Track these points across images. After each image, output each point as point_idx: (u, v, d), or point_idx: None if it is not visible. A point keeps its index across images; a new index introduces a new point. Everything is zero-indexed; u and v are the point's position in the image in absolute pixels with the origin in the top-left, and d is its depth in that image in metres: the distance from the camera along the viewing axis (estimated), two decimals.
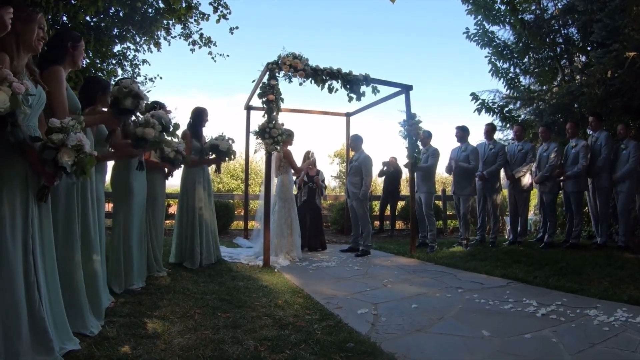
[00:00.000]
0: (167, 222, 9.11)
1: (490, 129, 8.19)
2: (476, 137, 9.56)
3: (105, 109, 3.92)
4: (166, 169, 5.33)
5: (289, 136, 7.27)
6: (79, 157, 2.54)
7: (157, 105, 4.82)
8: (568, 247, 7.32)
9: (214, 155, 6.10)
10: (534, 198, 9.39)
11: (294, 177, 7.73)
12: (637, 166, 6.97)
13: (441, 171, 9.59)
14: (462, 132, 7.99)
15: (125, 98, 3.39)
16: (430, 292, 4.71)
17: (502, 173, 8.21)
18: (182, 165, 5.58)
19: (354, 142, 7.87)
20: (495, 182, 8.04)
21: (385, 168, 10.64)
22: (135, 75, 9.19)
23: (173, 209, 11.09)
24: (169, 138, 4.50)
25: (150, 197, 5.05)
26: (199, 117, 6.16)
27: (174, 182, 5.89)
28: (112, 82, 8.47)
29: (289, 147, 7.31)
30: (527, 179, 7.91)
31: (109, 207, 10.96)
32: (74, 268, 3.11)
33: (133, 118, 3.90)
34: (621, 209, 7.06)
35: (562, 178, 7.59)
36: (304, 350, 2.91)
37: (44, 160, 2.48)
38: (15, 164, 2.47)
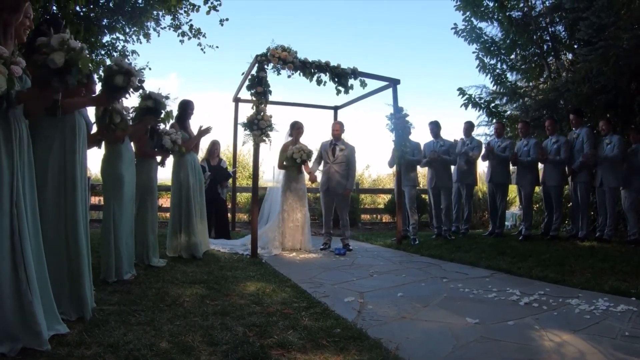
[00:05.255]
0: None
1: (500, 127, 8.51)
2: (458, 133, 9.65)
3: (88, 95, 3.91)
4: (159, 157, 5.34)
5: (293, 128, 7.27)
6: (69, 54, 2.57)
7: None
8: (550, 240, 7.51)
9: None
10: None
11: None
12: (622, 158, 7.12)
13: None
14: (437, 128, 8.21)
15: (115, 75, 3.24)
16: (416, 281, 4.79)
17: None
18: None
19: (342, 129, 7.53)
20: (503, 178, 8.29)
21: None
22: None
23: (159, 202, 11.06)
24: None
25: (147, 187, 5.11)
26: (184, 109, 6.14)
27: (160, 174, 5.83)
28: (101, 74, 8.47)
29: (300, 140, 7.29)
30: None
31: (95, 199, 10.95)
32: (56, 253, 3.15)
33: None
34: (610, 203, 7.25)
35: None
36: (292, 335, 2.95)
37: (46, 76, 2.53)
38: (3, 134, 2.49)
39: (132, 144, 4.80)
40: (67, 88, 2.66)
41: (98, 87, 4.10)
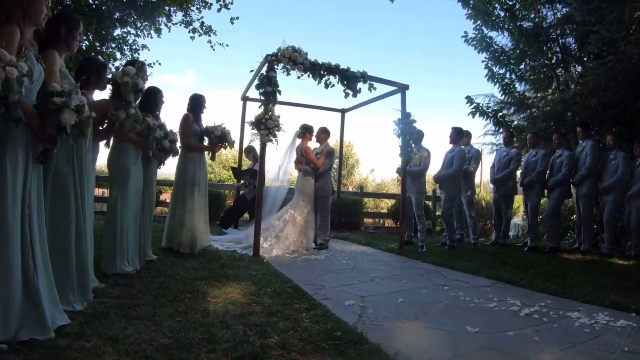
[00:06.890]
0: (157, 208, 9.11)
1: (508, 136, 8.47)
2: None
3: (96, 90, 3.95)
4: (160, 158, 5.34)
5: (308, 131, 7.37)
6: (79, 118, 2.61)
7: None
8: (550, 251, 7.47)
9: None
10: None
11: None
12: (625, 177, 7.10)
13: (432, 172, 9.70)
14: (456, 134, 8.07)
15: (129, 92, 3.35)
16: (417, 288, 4.77)
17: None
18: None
19: (322, 134, 7.74)
20: (509, 188, 8.23)
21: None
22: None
23: (162, 196, 11.11)
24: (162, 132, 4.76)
25: (146, 183, 5.09)
26: (198, 102, 6.19)
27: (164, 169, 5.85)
28: (111, 66, 8.52)
29: (309, 143, 7.43)
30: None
31: (99, 191, 11.01)
32: (66, 243, 3.17)
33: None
34: (607, 218, 7.20)
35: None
36: (292, 336, 2.95)
37: (48, 123, 2.53)
38: (18, 131, 2.50)
39: None
40: (56, 140, 2.70)
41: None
